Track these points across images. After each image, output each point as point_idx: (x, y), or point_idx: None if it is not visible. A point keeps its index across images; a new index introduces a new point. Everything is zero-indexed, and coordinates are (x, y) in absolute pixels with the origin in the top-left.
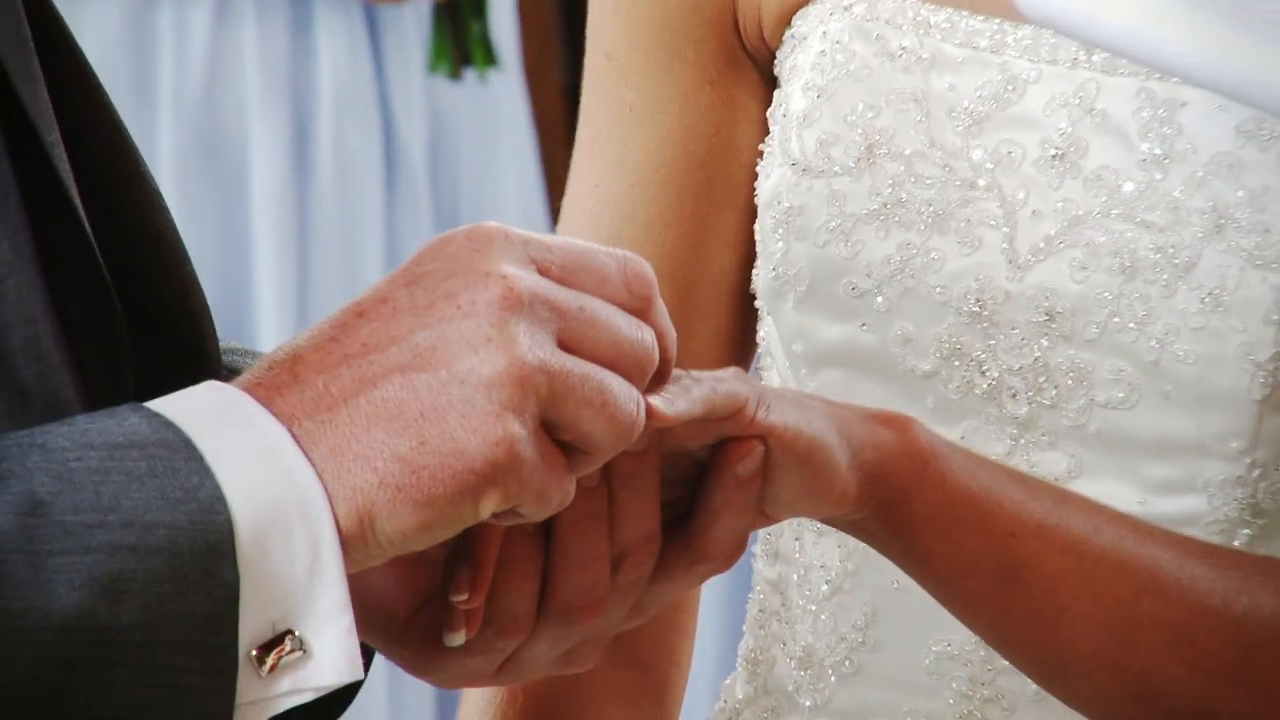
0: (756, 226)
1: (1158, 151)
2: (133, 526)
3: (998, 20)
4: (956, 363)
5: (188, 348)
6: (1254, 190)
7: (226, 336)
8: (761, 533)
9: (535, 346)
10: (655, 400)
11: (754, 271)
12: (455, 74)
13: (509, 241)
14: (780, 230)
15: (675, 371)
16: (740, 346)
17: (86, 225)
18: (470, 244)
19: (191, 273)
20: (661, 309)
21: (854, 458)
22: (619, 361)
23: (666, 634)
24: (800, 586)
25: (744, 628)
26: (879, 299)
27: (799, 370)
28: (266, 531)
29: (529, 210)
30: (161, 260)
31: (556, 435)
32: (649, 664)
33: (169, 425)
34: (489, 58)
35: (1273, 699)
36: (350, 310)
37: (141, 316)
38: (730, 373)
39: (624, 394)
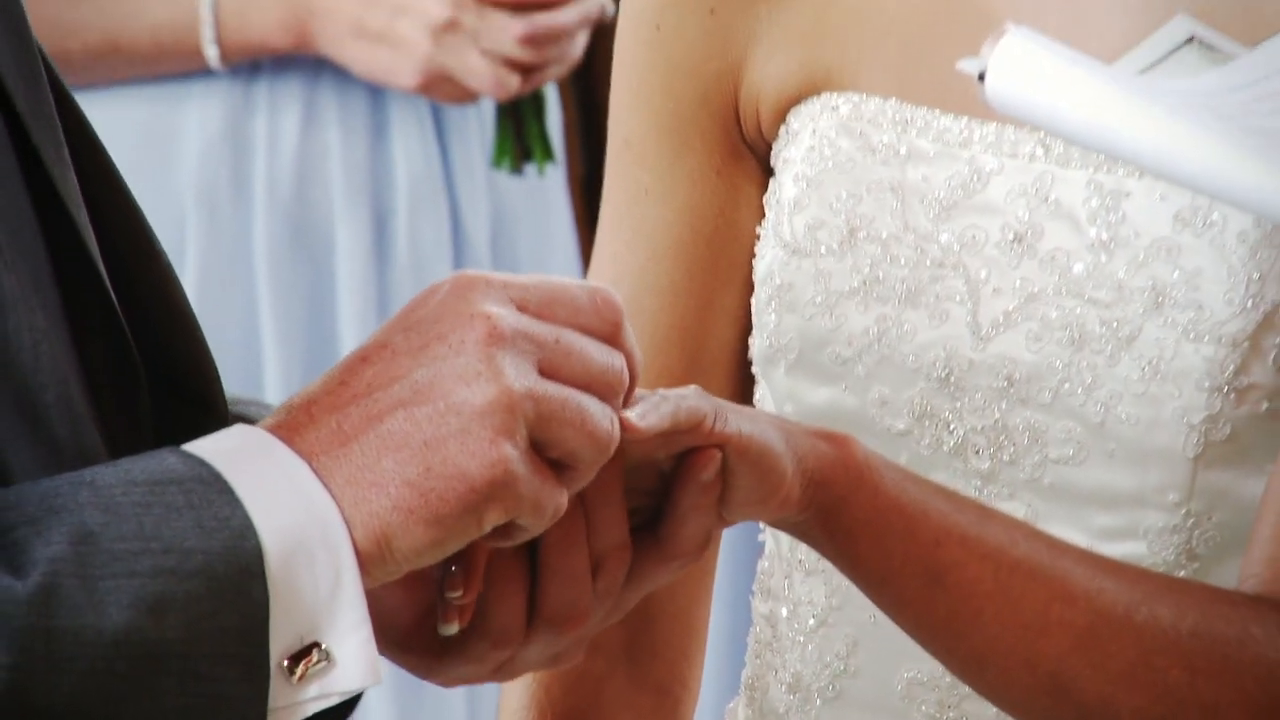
0: (753, 300)
1: (1104, 236)
2: (173, 553)
3: (966, 118)
4: (927, 423)
5: (198, 403)
6: (1189, 271)
7: None
8: (757, 573)
9: (520, 376)
10: (630, 415)
11: (751, 340)
12: (516, 168)
13: (489, 285)
14: (773, 304)
15: (643, 391)
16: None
17: (113, 296)
18: (455, 290)
19: (201, 338)
20: (629, 332)
21: (798, 465)
22: (594, 384)
23: (679, 661)
24: (790, 620)
25: (745, 658)
26: (859, 366)
27: None
28: (292, 555)
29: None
30: (175, 327)
31: (545, 454)
32: (664, 688)
33: (203, 464)
34: (547, 153)
35: (1169, 699)
36: (355, 357)
37: (158, 376)
38: (692, 390)
39: (601, 413)
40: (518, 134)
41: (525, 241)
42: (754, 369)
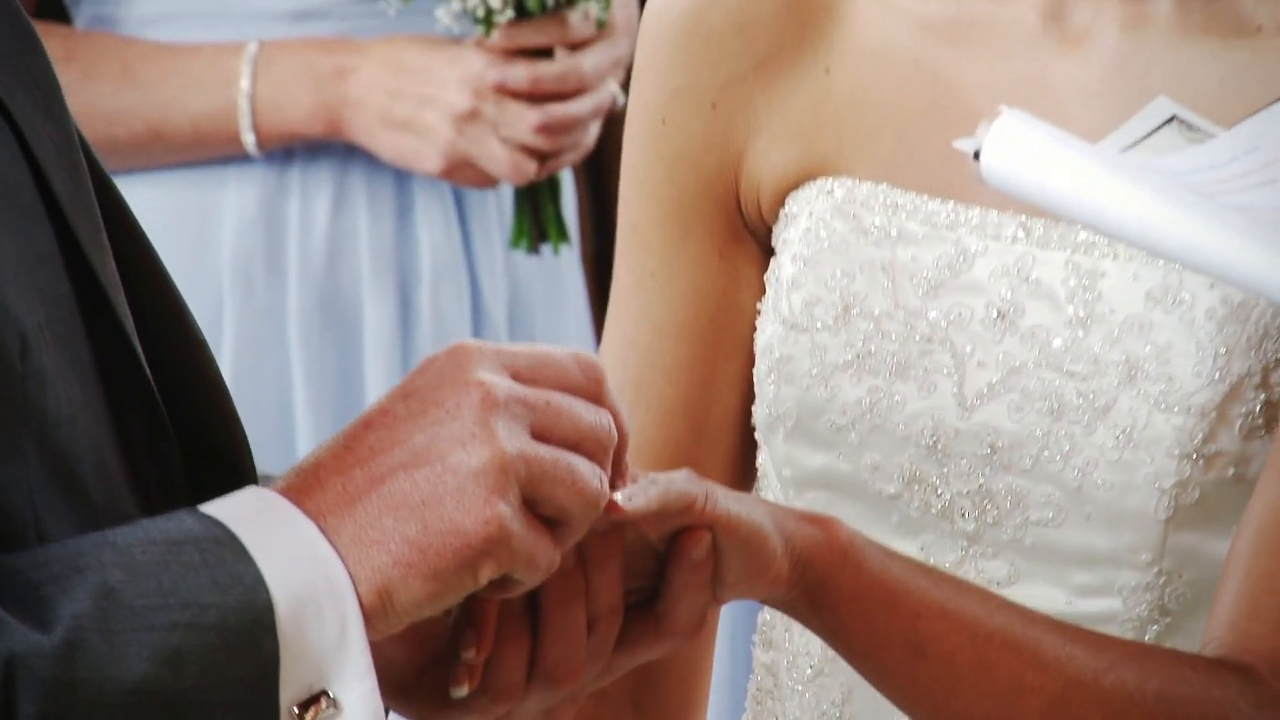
0: (754, 371)
1: (1081, 313)
2: (189, 607)
3: (952, 203)
4: (916, 487)
5: (228, 469)
6: (1160, 346)
7: None
8: (759, 624)
9: (512, 439)
10: (618, 497)
11: (753, 408)
12: (533, 249)
13: (483, 354)
14: (773, 376)
15: (635, 472)
16: (743, 471)
17: (147, 372)
18: (452, 359)
19: (232, 408)
20: (613, 392)
21: (786, 545)
22: (583, 443)
23: (684, 709)
24: (789, 670)
25: (745, 704)
26: (852, 434)
27: (788, 491)
28: (301, 609)
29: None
30: (207, 397)
31: (538, 510)
32: None
33: (218, 524)
34: (562, 234)
35: None
36: (359, 423)
37: (191, 444)
38: (683, 474)
39: (589, 472)
40: (534, 216)
41: (541, 317)
42: (756, 436)
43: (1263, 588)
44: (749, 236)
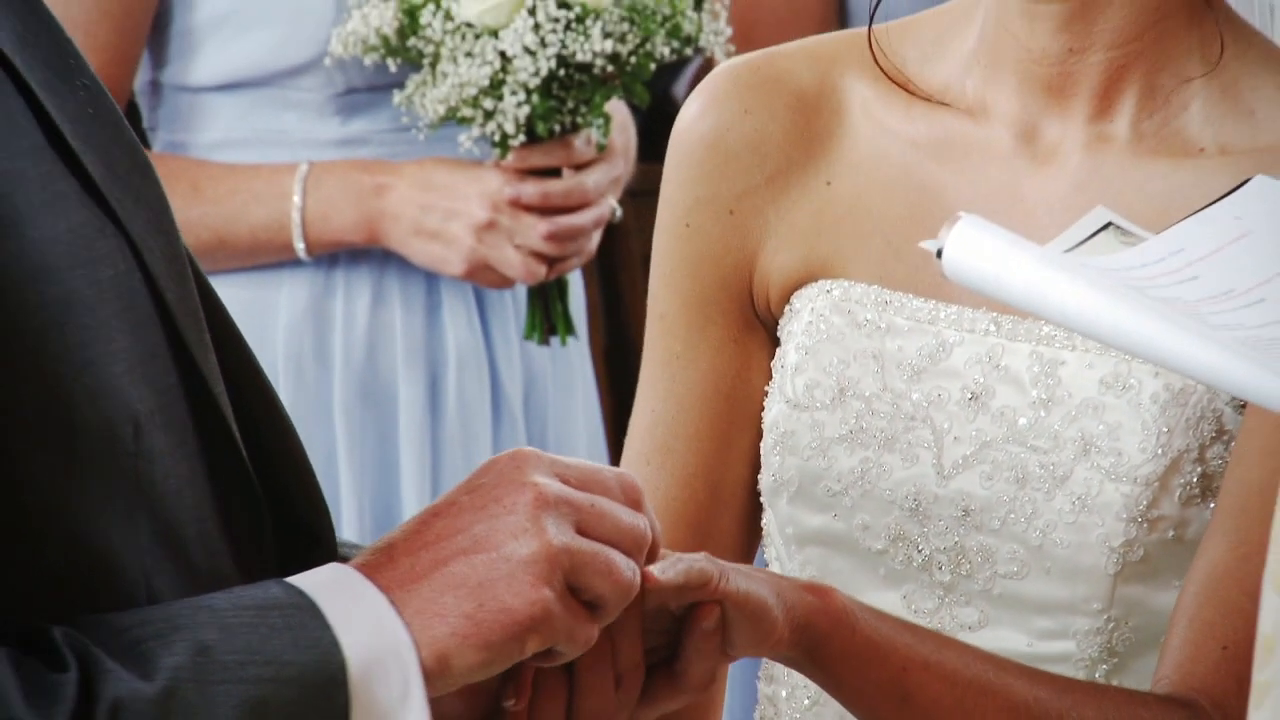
0: (761, 444)
1: (1043, 396)
2: (273, 664)
3: (933, 301)
4: (900, 544)
5: (312, 537)
6: (1111, 425)
7: (379, 528)
8: (763, 662)
9: (559, 534)
10: (652, 570)
11: (760, 476)
12: (544, 341)
13: (539, 460)
14: (778, 448)
15: (665, 552)
16: (751, 529)
17: (243, 452)
18: (512, 462)
19: (315, 484)
20: (649, 505)
21: (787, 614)
22: (623, 540)
23: None
24: (788, 701)
25: None
26: (846, 498)
27: (790, 547)
28: (370, 669)
29: (592, 441)
30: (294, 474)
31: (579, 596)
32: None
33: (301, 593)
34: (569, 328)
35: None
36: (429, 511)
37: (280, 513)
38: (702, 556)
39: (625, 565)
40: (545, 313)
41: (552, 400)
42: (762, 499)
43: (1204, 634)
44: (760, 326)
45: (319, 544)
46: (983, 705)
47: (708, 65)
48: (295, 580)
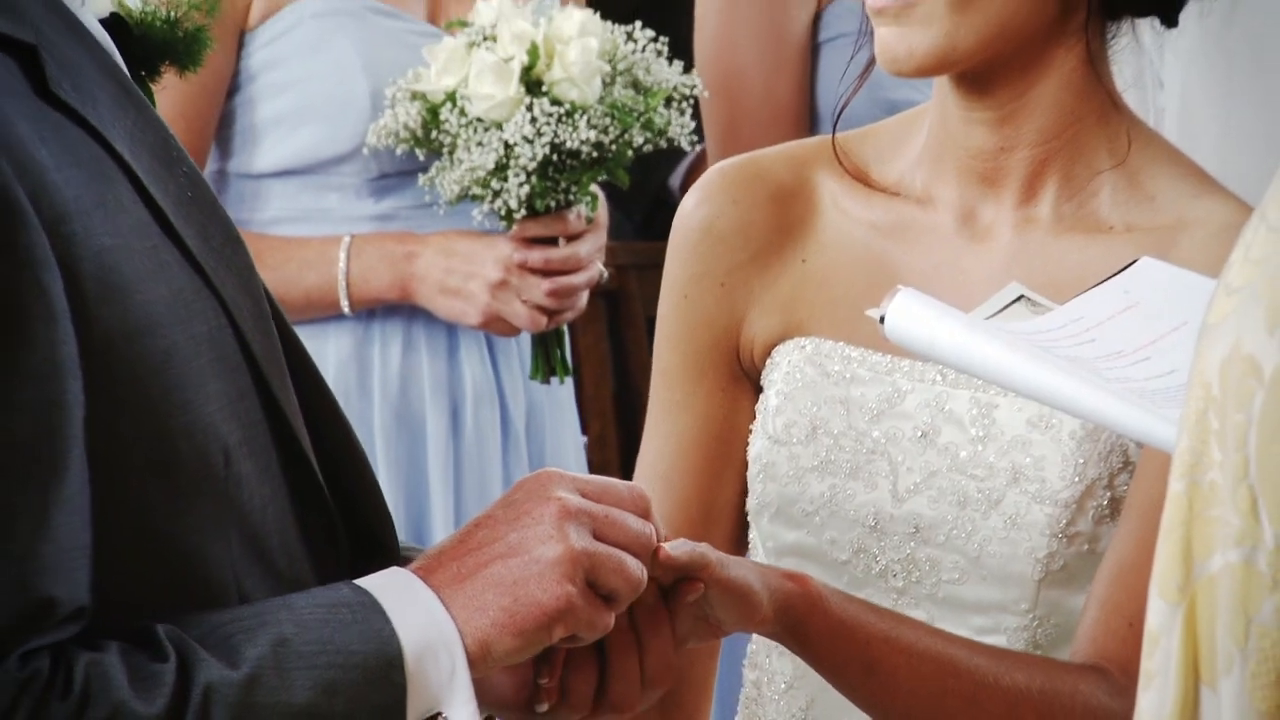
0: (747, 473)
1: (980, 434)
2: (341, 653)
3: (890, 356)
4: (861, 555)
5: (378, 546)
6: (1037, 458)
7: (411, 530)
8: (748, 652)
9: (580, 539)
10: (666, 547)
11: (747, 500)
12: (545, 380)
13: (562, 478)
14: (760, 476)
15: (678, 540)
16: (738, 544)
17: (319, 475)
18: (538, 481)
19: (382, 499)
20: (655, 514)
21: (770, 597)
22: (631, 545)
23: (695, 713)
24: (769, 685)
25: (738, 709)
26: (817, 517)
27: (770, 558)
28: (423, 655)
29: (577, 458)
30: (363, 490)
31: (596, 590)
32: None
33: (366, 593)
34: (566, 370)
35: None
36: (472, 523)
37: (350, 526)
38: (704, 545)
39: (634, 565)
40: (545, 357)
41: (549, 427)
42: (748, 518)
43: (1113, 614)
44: (745, 377)
45: (384, 548)
46: (934, 671)
47: (701, 163)
48: (361, 582)
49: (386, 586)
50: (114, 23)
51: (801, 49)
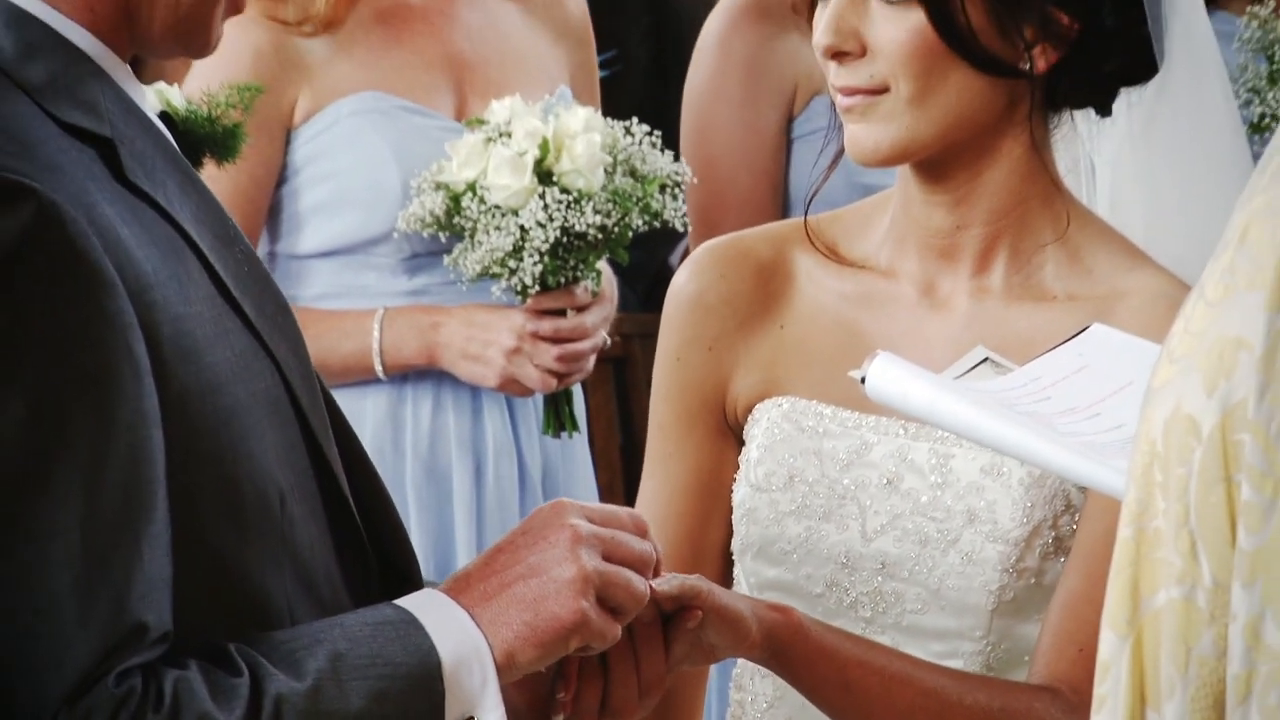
0: (733, 517)
1: (939, 481)
2: (389, 664)
3: (858, 412)
4: (834, 589)
5: (404, 578)
6: (989, 502)
7: (439, 571)
8: (733, 675)
9: (591, 560)
10: (656, 584)
11: (732, 540)
12: (556, 435)
13: (572, 507)
14: (744, 519)
15: (671, 575)
16: (726, 580)
17: (357, 517)
18: (552, 510)
19: (407, 537)
20: (654, 537)
21: (758, 624)
22: (635, 563)
23: None
24: (751, 705)
25: None
26: (794, 555)
27: (754, 592)
28: (458, 666)
29: (589, 498)
30: (391, 531)
31: (605, 605)
32: None
33: (406, 612)
34: (575, 426)
35: None
36: (494, 549)
37: (380, 560)
38: (697, 576)
39: (639, 582)
40: (556, 414)
41: (561, 477)
42: (734, 556)
43: (1064, 640)
44: (730, 432)
45: (410, 581)
46: (904, 691)
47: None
48: (400, 602)
49: (424, 605)
50: (162, 119)
51: (774, 143)
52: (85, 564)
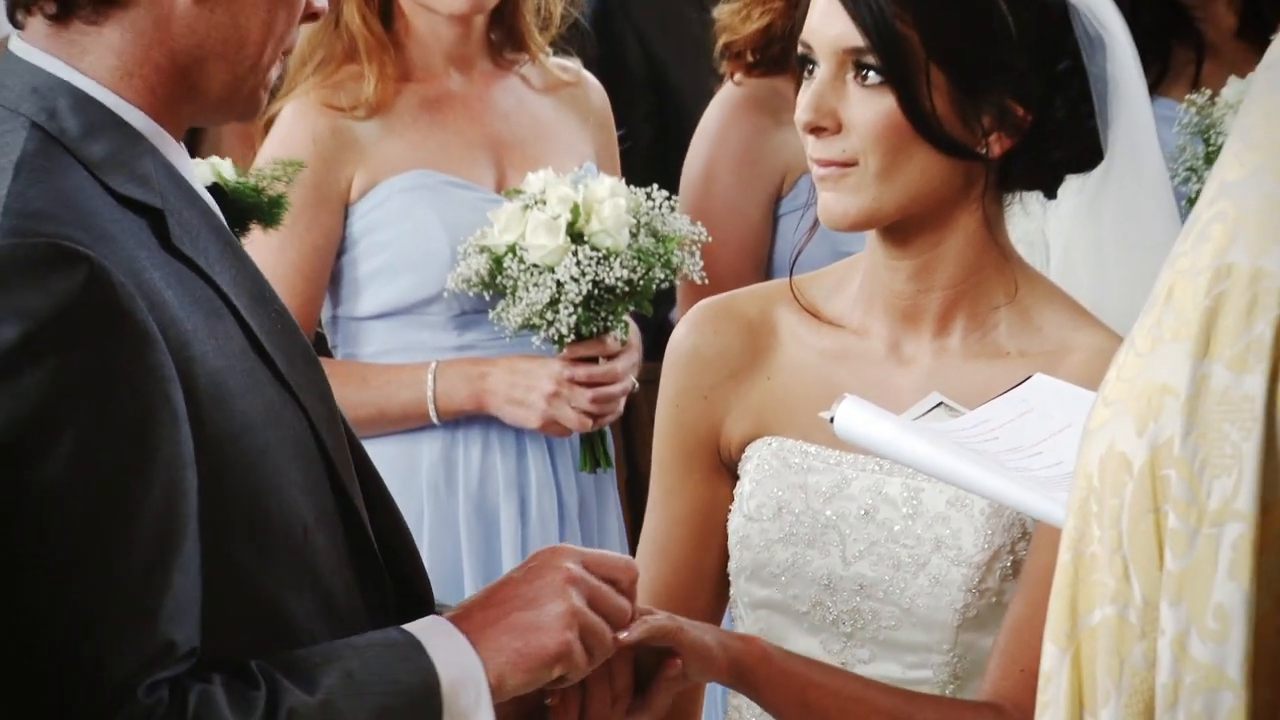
0: (728, 544)
1: (910, 512)
2: (394, 683)
3: (839, 451)
4: (818, 607)
5: (418, 599)
6: (955, 530)
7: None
8: (728, 707)
9: (579, 601)
10: (624, 635)
11: (728, 564)
12: (591, 470)
13: (569, 552)
14: (738, 546)
15: (645, 617)
16: (721, 599)
17: (375, 545)
18: (550, 554)
19: (421, 564)
20: (634, 587)
21: (725, 653)
22: (610, 616)
23: None
24: (748, 709)
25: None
26: (783, 578)
27: (747, 610)
28: (456, 686)
29: (620, 535)
30: (408, 559)
31: (584, 644)
32: None
33: (411, 635)
34: (608, 463)
35: None
36: (497, 583)
37: (399, 585)
38: (664, 615)
39: (609, 636)
40: (591, 452)
41: (595, 509)
42: (730, 579)
43: (1009, 661)
44: (724, 469)
45: (424, 603)
46: (856, 709)
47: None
48: (408, 627)
49: (429, 631)
50: (213, 190)
51: (760, 223)
52: (122, 588)
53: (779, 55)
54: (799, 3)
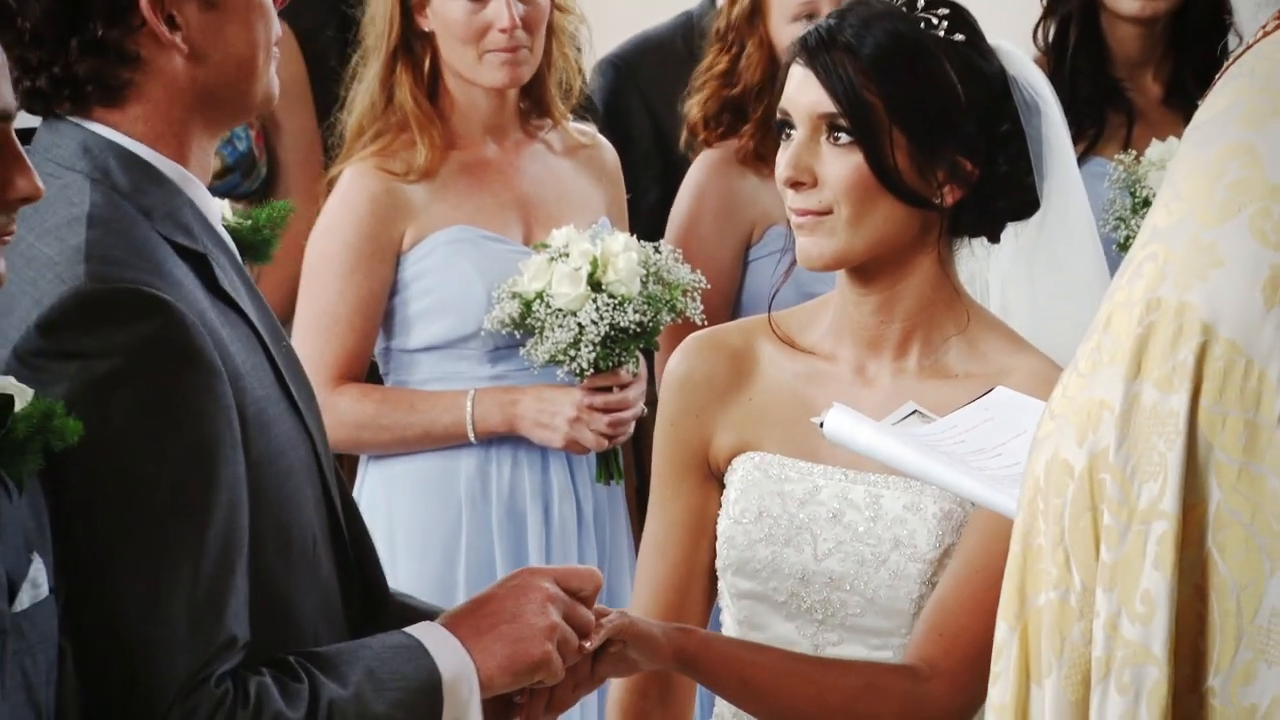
0: (717, 544)
1: (872, 515)
2: (406, 679)
3: (811, 463)
4: (794, 598)
5: (376, 599)
6: (910, 531)
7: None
8: (715, 711)
9: (556, 617)
10: (586, 644)
11: (716, 561)
12: (606, 482)
13: (545, 572)
14: (725, 545)
15: (604, 615)
16: (712, 591)
17: (353, 558)
18: (529, 574)
19: (380, 566)
20: (598, 598)
21: (668, 642)
22: (579, 627)
23: None
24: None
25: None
26: (764, 573)
27: (733, 601)
28: (454, 683)
29: (629, 538)
30: (372, 567)
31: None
32: None
33: (415, 638)
34: (620, 475)
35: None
36: (482, 596)
37: (362, 584)
38: (617, 613)
39: (575, 643)
40: (606, 466)
41: (608, 515)
42: (718, 573)
43: (928, 626)
44: (713, 478)
45: (379, 601)
46: (788, 680)
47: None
48: (410, 630)
49: (428, 634)
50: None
51: (731, 269)
52: (195, 589)
53: (731, 120)
54: (735, 71)
